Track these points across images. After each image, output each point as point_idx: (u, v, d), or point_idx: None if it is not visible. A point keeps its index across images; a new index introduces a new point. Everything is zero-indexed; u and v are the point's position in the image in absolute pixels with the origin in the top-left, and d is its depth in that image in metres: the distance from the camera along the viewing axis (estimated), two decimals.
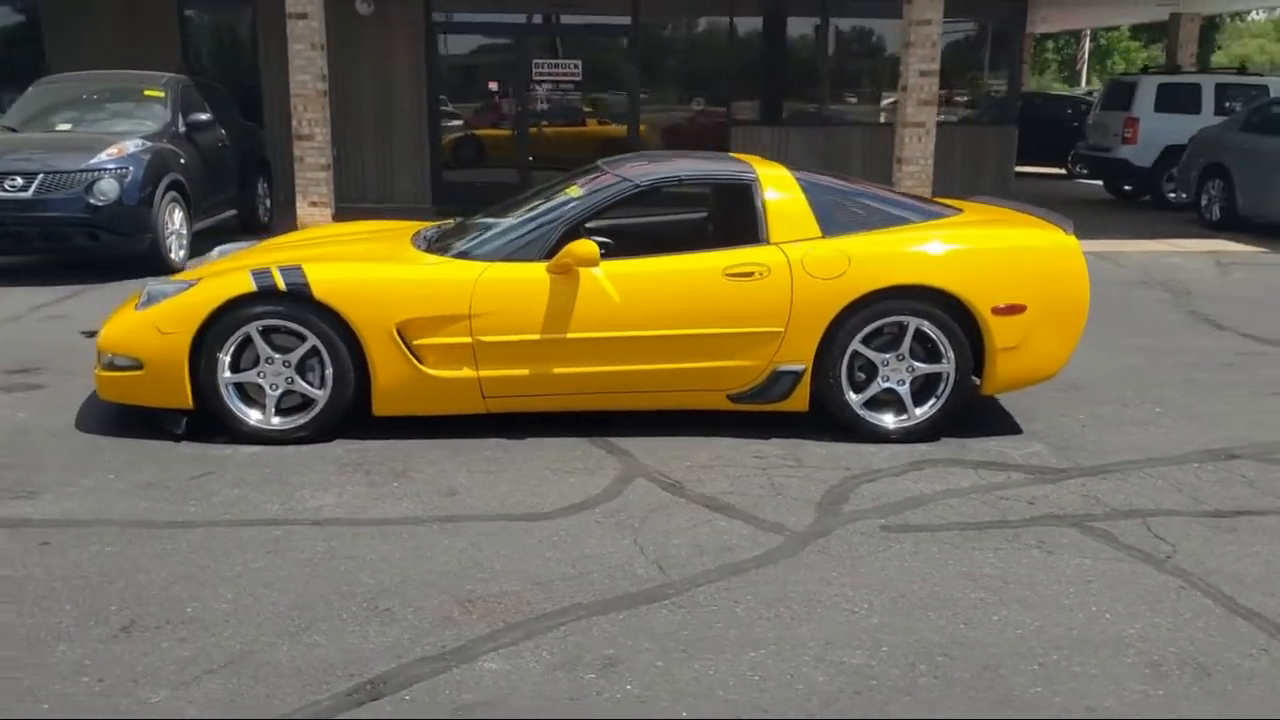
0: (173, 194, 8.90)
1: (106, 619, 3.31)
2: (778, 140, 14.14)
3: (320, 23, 10.35)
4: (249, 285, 4.77)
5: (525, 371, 4.90)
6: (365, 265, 4.97)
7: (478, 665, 3.08)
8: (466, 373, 4.88)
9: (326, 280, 4.78)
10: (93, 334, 6.89)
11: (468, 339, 4.83)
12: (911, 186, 11.24)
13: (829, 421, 5.10)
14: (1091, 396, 5.81)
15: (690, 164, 5.44)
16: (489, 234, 5.24)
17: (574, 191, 5.25)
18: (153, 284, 5.09)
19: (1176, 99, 14.45)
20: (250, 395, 4.91)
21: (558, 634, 3.26)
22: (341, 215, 10.80)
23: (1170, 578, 3.72)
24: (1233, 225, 12.15)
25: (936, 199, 5.86)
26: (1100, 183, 16.23)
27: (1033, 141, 17.37)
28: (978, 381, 5.13)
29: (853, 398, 5.04)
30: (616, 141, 14.35)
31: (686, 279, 4.92)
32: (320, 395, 4.88)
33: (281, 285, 4.76)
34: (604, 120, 14.45)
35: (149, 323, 4.83)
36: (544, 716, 2.85)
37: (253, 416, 4.89)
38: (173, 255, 8.94)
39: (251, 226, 11.09)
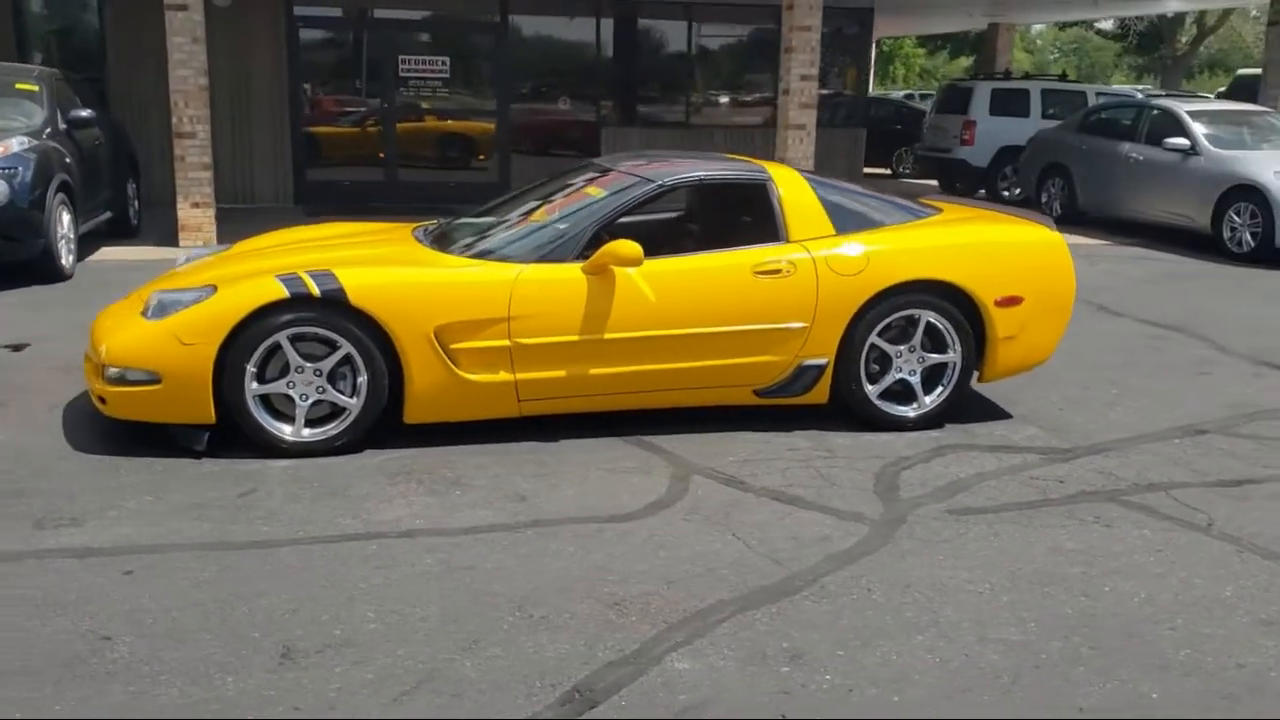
0: (61, 195, 8.27)
1: (257, 646, 3.13)
2: (646, 142, 14.32)
3: (201, 15, 9.82)
4: (280, 291, 4.54)
5: (562, 373, 4.87)
6: (401, 269, 4.82)
7: (668, 666, 3.10)
8: (503, 376, 4.81)
9: (363, 285, 4.62)
10: (17, 347, 6.39)
11: (506, 342, 4.77)
12: None
13: (841, 413, 5.29)
14: (1050, 381, 6.21)
15: (700, 164, 5.52)
16: (512, 234, 5.17)
17: (595, 192, 5.24)
18: (161, 291, 4.77)
19: (1008, 103, 15.49)
20: (274, 407, 4.68)
21: (725, 630, 3.31)
22: None
23: (1222, 543, 4.07)
24: (1073, 220, 13.11)
25: (918, 199, 6.15)
26: (935, 182, 17.17)
27: None
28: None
29: (870, 389, 5.24)
30: (485, 140, 14.21)
31: (718, 277, 5.00)
32: (353, 404, 4.70)
33: (315, 291, 4.56)
34: (472, 119, 14.25)
35: (168, 333, 4.53)
36: (774, 715, 2.90)
37: (284, 429, 4.67)
38: (63, 261, 8.31)
39: (121, 231, 10.41)
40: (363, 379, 4.68)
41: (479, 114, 14.23)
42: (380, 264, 4.89)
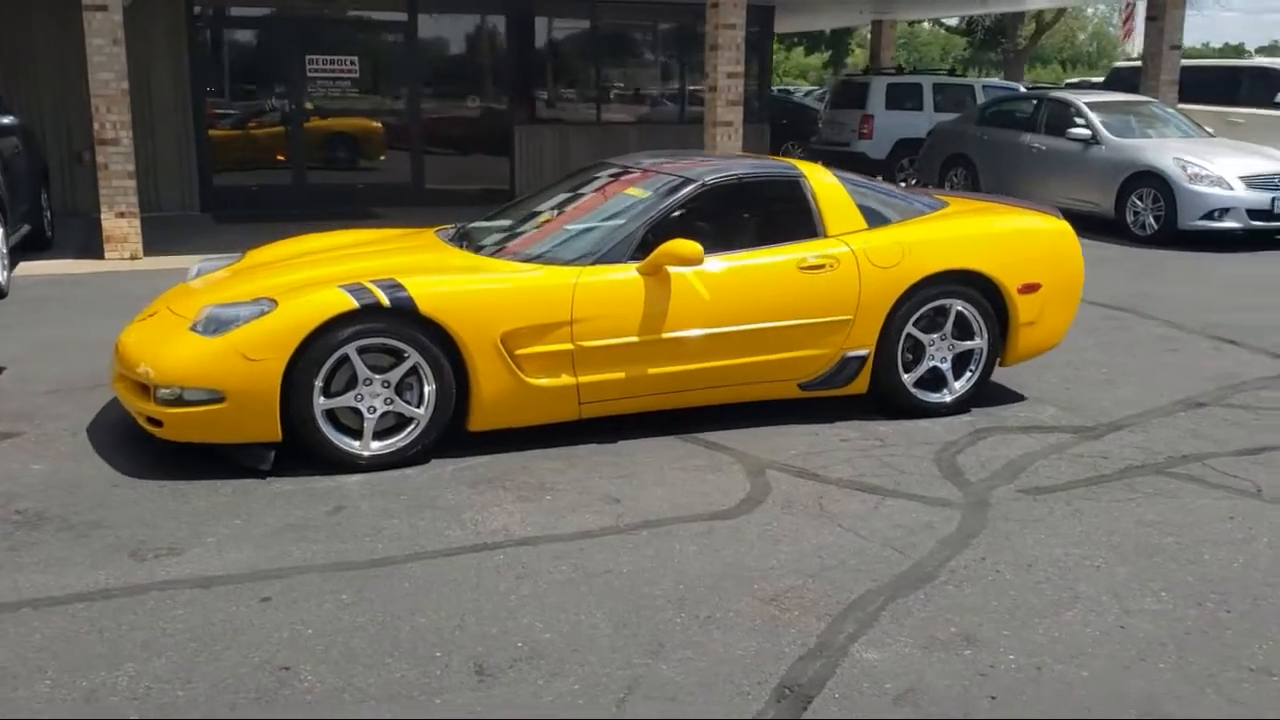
0: None
1: (447, 664, 3.07)
2: (559, 139, 14.30)
3: (120, 16, 9.34)
4: (348, 302, 4.41)
5: (621, 375, 4.87)
6: (466, 276, 4.74)
7: (857, 657, 3.16)
8: (566, 380, 4.78)
9: (432, 294, 4.53)
10: None
11: (569, 345, 4.74)
12: None
13: (873, 403, 5.43)
14: (1043, 363, 6.47)
15: (731, 162, 5.59)
16: (558, 237, 5.14)
17: (638, 192, 5.25)
18: (214, 307, 4.57)
19: (903, 97, 16.04)
20: (338, 420, 4.55)
21: (888, 619, 3.39)
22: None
23: (1278, 506, 4.37)
24: None
25: (928, 191, 6.35)
26: None
27: None
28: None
29: (906, 378, 5.41)
30: (396, 141, 13.93)
31: (767, 273, 5.08)
32: (420, 414, 4.61)
33: (385, 301, 4.45)
34: (383, 119, 13.95)
35: (231, 349, 4.34)
36: (982, 696, 3.00)
37: (353, 444, 4.54)
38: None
39: (37, 244, 9.84)
40: (430, 388, 4.59)
41: (389, 114, 13.95)
42: (442, 271, 4.79)
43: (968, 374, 5.53)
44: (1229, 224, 11.13)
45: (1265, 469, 4.80)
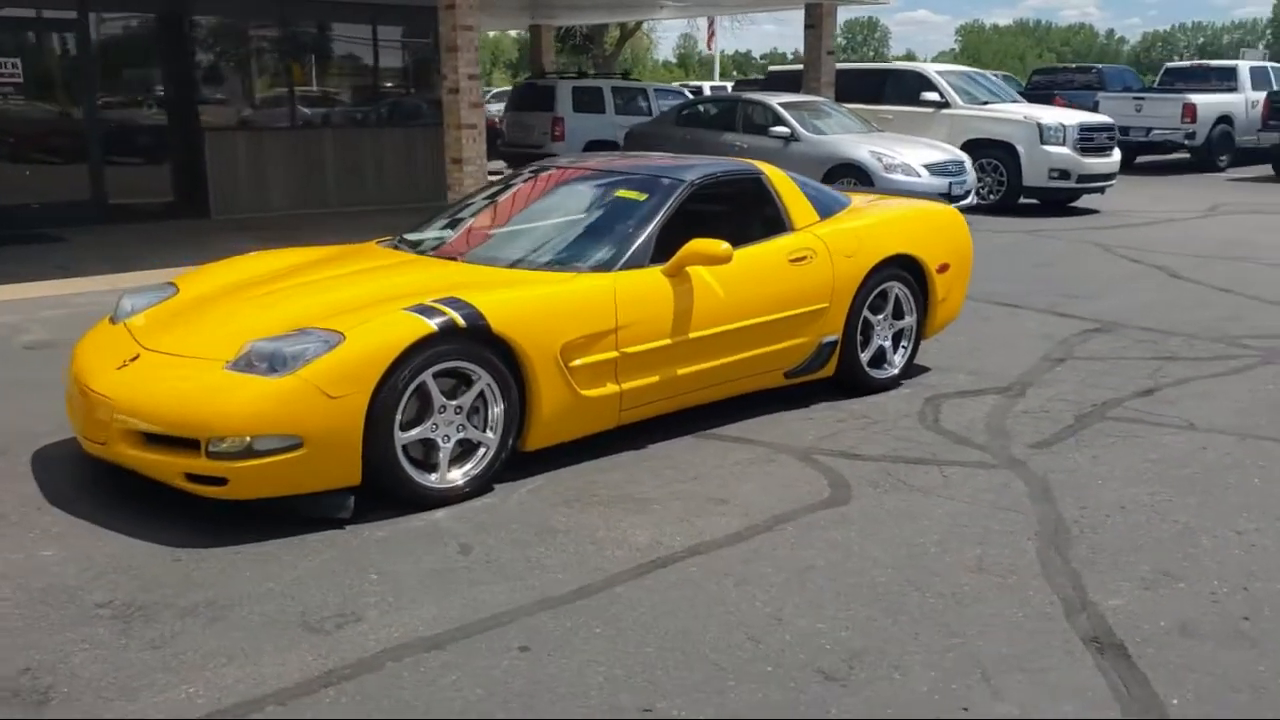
0: None
1: (796, 678, 2.99)
2: (251, 145, 13.34)
3: None
4: (425, 326, 4.05)
5: (655, 378, 4.84)
6: (523, 291, 4.47)
7: (1108, 605, 3.44)
8: (610, 388, 4.68)
9: (502, 311, 4.26)
10: None
11: (614, 353, 4.65)
12: (470, 186, 11.61)
13: (835, 383, 5.76)
14: None
15: (697, 161, 5.68)
16: (560, 242, 5.02)
17: (635, 195, 5.19)
18: (265, 342, 3.99)
19: (587, 100, 16.50)
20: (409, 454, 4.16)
21: (1083, 568, 3.71)
22: None
23: (1224, 435, 5.17)
24: None
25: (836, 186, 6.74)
26: None
27: None
28: None
29: (862, 357, 5.78)
30: (73, 149, 12.30)
31: (766, 267, 5.24)
32: (490, 439, 4.33)
33: (461, 322, 4.13)
34: (55, 129, 12.25)
35: (308, 387, 3.84)
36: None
37: (429, 477, 4.17)
38: None
39: None
40: (498, 409, 4.33)
41: (60, 122, 12.28)
42: (493, 287, 4.48)
43: (901, 350, 6.00)
44: None
45: (1172, 406, 5.64)
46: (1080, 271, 9.75)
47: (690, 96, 18.07)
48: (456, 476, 4.25)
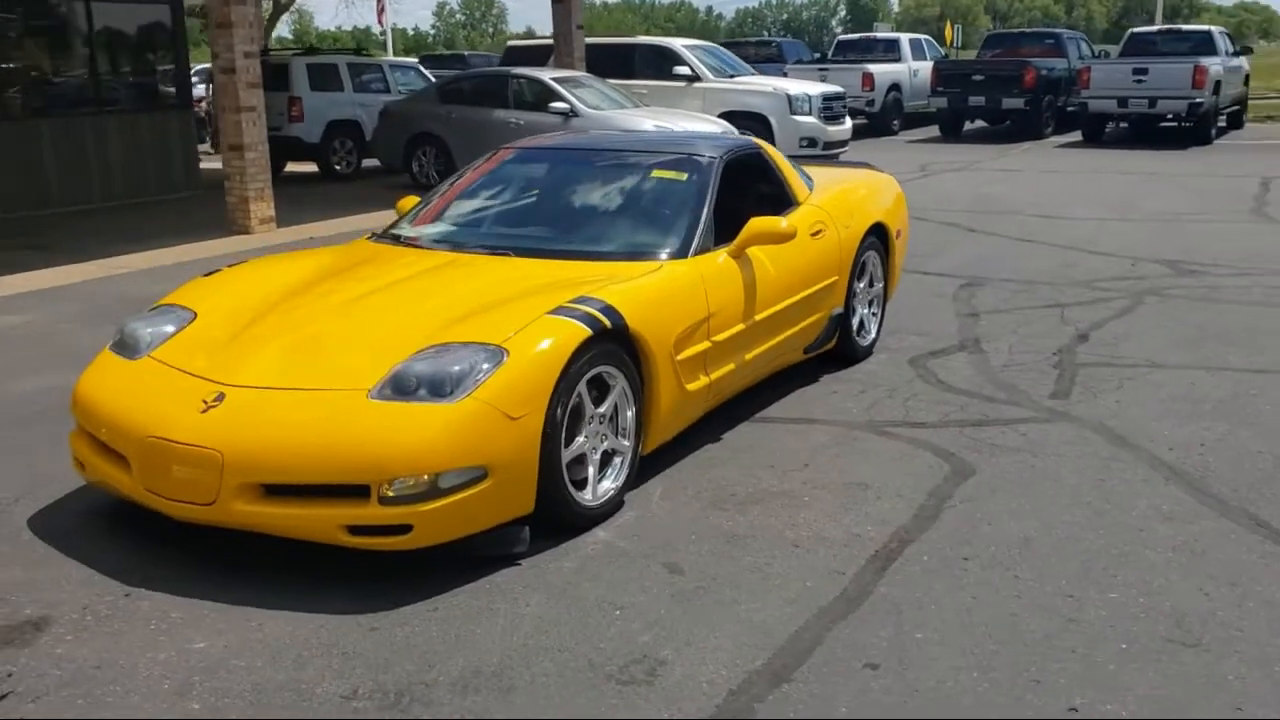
0: None
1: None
2: (25, 136, 11.56)
3: None
4: (583, 330, 3.64)
5: (732, 365, 4.64)
6: (639, 283, 4.09)
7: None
8: (703, 380, 4.43)
9: (632, 307, 3.91)
10: None
11: (706, 343, 4.40)
12: (255, 174, 10.59)
13: (829, 355, 5.77)
14: None
15: (695, 135, 5.47)
16: (615, 228, 4.68)
17: (675, 175, 4.89)
18: (411, 363, 3.42)
19: (324, 78, 15.40)
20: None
21: (1244, 502, 3.95)
22: None
23: (1203, 370, 5.66)
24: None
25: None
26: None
27: None
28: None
29: (853, 325, 5.81)
30: None
31: (797, 243, 5.08)
32: (626, 445, 3.97)
33: (607, 323, 3.75)
34: None
35: (490, 409, 3.34)
36: None
37: (584, 495, 3.76)
38: None
39: None
40: (630, 413, 3.98)
41: None
42: (610, 281, 4.06)
43: (873, 317, 6.10)
44: None
45: (1118, 346, 6.07)
46: None
47: (426, 73, 17.36)
48: (606, 489, 3.87)
